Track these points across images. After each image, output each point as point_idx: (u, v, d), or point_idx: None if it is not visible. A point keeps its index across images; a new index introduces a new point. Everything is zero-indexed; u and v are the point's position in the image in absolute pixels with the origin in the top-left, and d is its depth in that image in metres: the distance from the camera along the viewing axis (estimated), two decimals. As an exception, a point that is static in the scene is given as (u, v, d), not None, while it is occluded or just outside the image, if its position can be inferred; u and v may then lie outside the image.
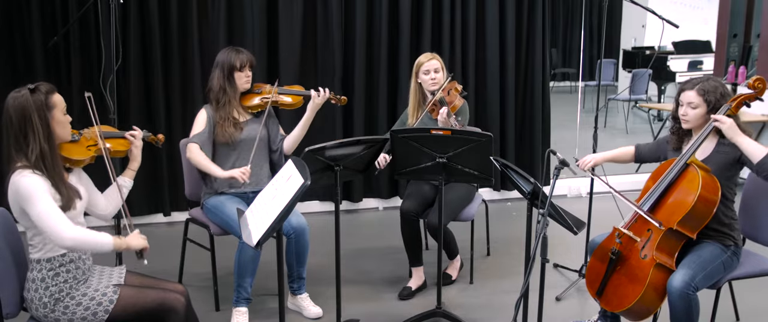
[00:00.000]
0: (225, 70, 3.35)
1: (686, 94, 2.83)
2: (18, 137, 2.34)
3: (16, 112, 2.33)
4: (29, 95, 2.34)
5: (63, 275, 2.40)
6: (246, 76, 3.38)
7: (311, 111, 3.43)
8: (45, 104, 2.36)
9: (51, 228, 2.28)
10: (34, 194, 2.28)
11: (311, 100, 3.40)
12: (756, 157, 2.64)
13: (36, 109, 2.33)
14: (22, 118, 2.32)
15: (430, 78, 3.65)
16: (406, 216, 3.60)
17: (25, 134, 2.33)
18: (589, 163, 3.08)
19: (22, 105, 2.33)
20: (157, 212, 4.97)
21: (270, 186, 2.44)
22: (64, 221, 2.30)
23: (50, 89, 2.41)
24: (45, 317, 2.39)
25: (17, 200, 2.33)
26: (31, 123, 2.32)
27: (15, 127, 2.34)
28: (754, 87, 2.78)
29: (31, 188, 2.29)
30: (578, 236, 2.55)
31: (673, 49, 9.93)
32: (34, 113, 2.33)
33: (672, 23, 3.78)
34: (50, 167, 2.35)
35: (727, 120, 2.69)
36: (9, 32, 4.46)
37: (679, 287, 2.60)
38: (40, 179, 2.32)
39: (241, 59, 3.35)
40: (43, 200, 2.29)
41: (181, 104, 4.79)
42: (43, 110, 2.35)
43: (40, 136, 2.33)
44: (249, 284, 3.25)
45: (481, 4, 5.24)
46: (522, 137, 5.54)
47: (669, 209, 2.73)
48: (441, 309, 3.35)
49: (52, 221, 2.28)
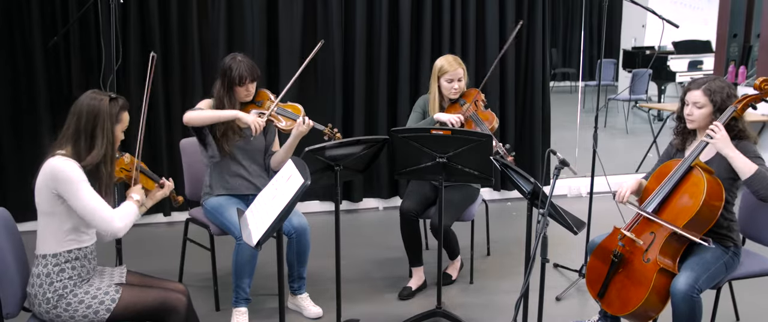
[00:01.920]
0: (225, 83, 3.27)
1: (692, 93, 2.80)
2: (83, 133, 2.40)
3: (89, 111, 2.41)
4: (108, 103, 2.43)
5: (68, 271, 2.41)
6: (246, 91, 3.28)
7: (294, 138, 3.29)
8: (116, 117, 2.46)
9: (102, 219, 2.38)
10: (77, 183, 2.34)
11: (295, 127, 3.25)
12: (744, 174, 2.63)
13: (108, 117, 2.43)
14: (94, 118, 2.40)
15: (453, 88, 3.55)
16: (406, 216, 3.60)
17: (93, 135, 2.41)
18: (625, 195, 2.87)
19: (98, 108, 2.42)
20: (157, 212, 4.97)
21: (270, 186, 2.44)
22: (110, 211, 2.41)
23: (124, 105, 2.51)
24: (46, 313, 2.40)
25: (52, 183, 2.35)
26: (102, 127, 2.41)
27: (83, 122, 2.40)
28: (760, 88, 2.77)
29: (74, 175, 2.34)
30: (578, 236, 2.55)
31: (673, 49, 9.93)
32: (107, 118, 2.42)
33: (672, 23, 3.77)
34: (108, 172, 2.45)
35: (719, 133, 2.67)
36: (9, 32, 4.45)
37: (684, 289, 2.58)
38: (79, 169, 2.37)
39: (242, 74, 3.21)
40: (88, 190, 2.36)
41: (181, 104, 4.79)
42: (114, 121, 2.45)
43: (107, 141, 2.42)
44: (247, 284, 3.25)
45: (481, 4, 5.24)
46: (522, 137, 5.54)
47: (673, 213, 2.70)
48: (441, 309, 3.35)
49: (102, 213, 2.38)
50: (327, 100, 5.07)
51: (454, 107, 3.61)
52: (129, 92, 4.65)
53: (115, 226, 2.40)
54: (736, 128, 2.74)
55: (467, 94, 3.62)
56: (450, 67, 3.55)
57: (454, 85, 3.56)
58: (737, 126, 2.75)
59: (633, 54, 10.68)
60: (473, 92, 3.60)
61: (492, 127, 3.47)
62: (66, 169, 2.34)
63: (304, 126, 3.24)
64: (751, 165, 2.62)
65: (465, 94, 3.63)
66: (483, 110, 3.58)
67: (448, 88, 3.57)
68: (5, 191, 4.56)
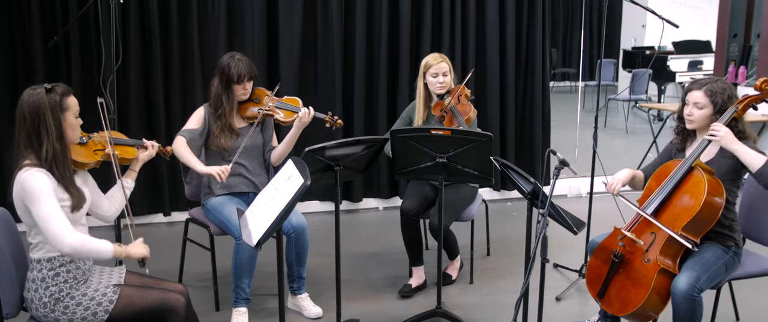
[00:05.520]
0: (223, 81, 3.29)
1: (693, 93, 2.80)
2: (30, 135, 2.35)
3: (30, 109, 2.34)
4: (45, 94, 2.35)
5: (63, 275, 2.40)
6: (243, 89, 3.31)
7: (297, 129, 3.32)
8: (59, 105, 2.37)
9: (52, 232, 2.28)
10: (40, 195, 2.29)
11: (297, 119, 3.29)
12: (754, 166, 2.62)
13: (50, 109, 2.34)
14: (36, 116, 2.33)
15: (439, 82, 3.59)
16: (407, 216, 3.60)
17: (38, 133, 2.34)
18: (616, 187, 2.90)
19: (37, 103, 2.34)
20: (157, 212, 4.97)
21: (270, 186, 2.44)
22: (67, 227, 2.30)
23: (66, 91, 2.42)
24: (45, 316, 2.39)
25: (22, 197, 2.33)
26: (45, 122, 2.33)
27: (28, 124, 2.34)
28: (760, 89, 2.77)
29: (38, 187, 2.29)
30: (578, 236, 2.55)
31: (673, 49, 9.93)
32: (48, 113, 2.34)
33: (672, 23, 3.77)
34: (61, 167, 2.37)
35: (722, 130, 2.66)
36: (9, 32, 4.45)
37: (684, 289, 2.58)
38: (47, 179, 2.32)
39: (240, 72, 3.25)
40: (48, 202, 2.29)
41: (181, 104, 4.79)
42: (57, 111, 2.36)
43: (53, 136, 2.34)
44: (247, 284, 3.25)
45: (481, 4, 5.24)
46: (522, 137, 5.54)
47: (674, 213, 2.70)
48: (441, 309, 3.35)
49: (55, 225, 2.28)
50: (327, 100, 5.07)
51: (440, 103, 3.63)
52: (129, 92, 4.66)
53: (64, 241, 2.28)
54: (736, 129, 2.74)
55: (454, 90, 3.65)
56: (434, 61, 3.61)
57: (439, 80, 3.59)
58: (737, 126, 2.75)
59: (633, 54, 10.68)
60: (458, 88, 3.63)
61: (468, 118, 3.50)
62: (32, 181, 2.29)
63: (308, 117, 3.29)
64: (759, 156, 2.62)
65: (452, 90, 3.65)
66: (464, 103, 3.60)
67: (434, 83, 3.61)
68: (5, 191, 4.54)
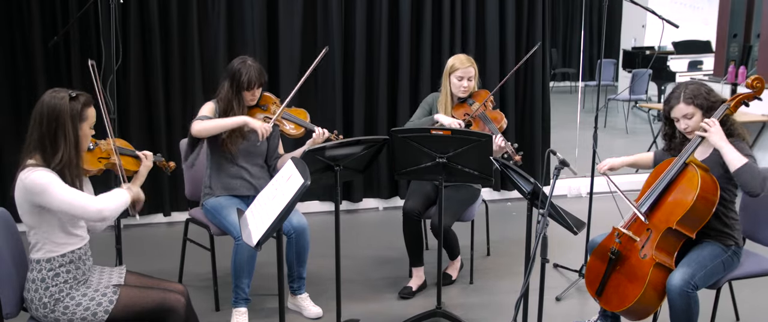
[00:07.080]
0: (234, 86, 3.27)
1: (677, 108, 2.80)
2: (44, 137, 2.35)
3: (50, 112, 2.34)
4: (68, 102, 2.36)
5: (63, 275, 2.40)
6: (252, 95, 3.31)
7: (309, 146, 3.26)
8: (80, 114, 2.39)
9: (79, 210, 2.32)
10: (48, 184, 2.29)
11: (312, 139, 3.26)
12: (733, 166, 2.65)
13: (71, 117, 2.35)
14: (54, 121, 2.34)
15: (463, 86, 3.57)
16: (409, 216, 3.59)
17: (54, 138, 2.34)
18: (605, 166, 3.00)
19: (58, 109, 2.34)
20: (157, 212, 4.97)
21: (270, 186, 2.44)
22: (85, 198, 2.35)
23: (88, 101, 2.43)
24: (45, 317, 2.39)
25: (28, 197, 2.32)
26: (64, 129, 2.34)
27: (44, 126, 2.34)
28: (752, 86, 2.79)
29: (44, 179, 2.29)
30: (578, 236, 2.55)
31: (673, 49, 9.93)
32: (68, 120, 2.35)
33: (672, 23, 3.77)
34: (73, 175, 2.39)
35: (712, 127, 2.68)
36: (9, 32, 4.45)
37: (678, 284, 2.61)
38: (50, 172, 2.32)
39: (251, 79, 3.23)
40: (60, 187, 2.31)
41: (181, 104, 4.79)
42: (77, 120, 2.38)
43: (70, 144, 2.36)
44: (247, 284, 3.25)
45: (481, 4, 5.24)
46: (522, 137, 5.54)
47: (668, 208, 2.74)
48: (441, 309, 3.35)
49: (77, 203, 2.32)
50: (327, 100, 5.07)
51: (461, 106, 3.61)
52: (129, 92, 4.66)
53: (92, 210, 2.33)
54: (724, 127, 2.75)
55: (477, 95, 3.63)
56: (461, 64, 3.58)
57: (464, 83, 3.57)
58: (726, 124, 2.77)
59: (633, 54, 10.68)
60: (484, 93, 3.61)
61: (501, 126, 3.48)
62: (36, 179, 2.29)
63: (321, 139, 3.24)
64: (740, 157, 2.64)
65: (475, 94, 3.64)
66: (492, 111, 3.59)
67: (458, 85, 3.59)
68: (5, 191, 4.55)
